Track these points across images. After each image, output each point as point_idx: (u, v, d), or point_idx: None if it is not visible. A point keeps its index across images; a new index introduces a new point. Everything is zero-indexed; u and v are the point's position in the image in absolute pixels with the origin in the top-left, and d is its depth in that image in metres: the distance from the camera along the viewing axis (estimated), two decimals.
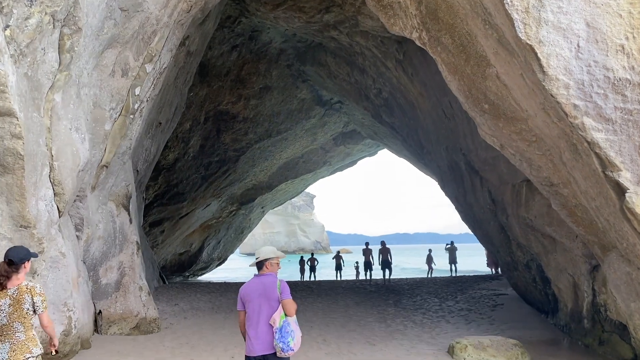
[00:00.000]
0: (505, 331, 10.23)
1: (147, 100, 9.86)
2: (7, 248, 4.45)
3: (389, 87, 17.77)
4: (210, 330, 10.90)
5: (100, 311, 9.94)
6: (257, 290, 4.79)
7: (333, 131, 27.99)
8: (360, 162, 34.50)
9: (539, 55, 6.25)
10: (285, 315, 4.71)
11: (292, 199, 66.64)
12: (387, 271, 21.68)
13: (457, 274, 24.17)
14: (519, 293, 13.77)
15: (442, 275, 24.07)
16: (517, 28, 6.27)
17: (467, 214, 16.26)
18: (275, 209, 48.80)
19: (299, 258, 29.66)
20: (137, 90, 9.28)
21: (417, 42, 9.11)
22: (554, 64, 6.26)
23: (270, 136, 25.49)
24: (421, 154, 19.41)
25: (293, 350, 4.63)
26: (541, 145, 7.73)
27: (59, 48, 6.90)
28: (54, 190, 7.23)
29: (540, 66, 6.27)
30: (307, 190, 57.93)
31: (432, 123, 15.54)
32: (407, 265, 46.93)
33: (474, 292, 16.06)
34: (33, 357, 4.17)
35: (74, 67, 7.32)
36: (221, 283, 23.51)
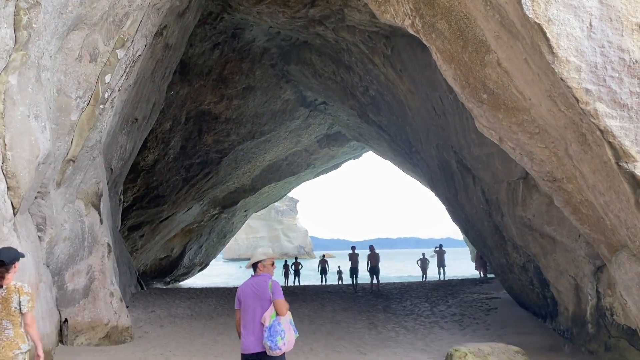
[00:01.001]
0: (503, 337, 9.70)
1: (119, 90, 9.08)
2: None
3: (376, 85, 17.22)
4: (188, 338, 10.18)
5: (66, 320, 9.12)
6: (250, 290, 4.92)
7: (317, 133, 27.58)
8: (343, 166, 34.10)
9: (548, 35, 5.76)
10: (277, 314, 4.75)
11: (275, 204, 66.05)
12: (374, 277, 20.57)
13: (445, 278, 23.68)
14: (514, 296, 13.24)
15: (430, 279, 23.62)
16: (524, 5, 5.76)
17: (459, 215, 15.71)
18: (258, 213, 48.13)
19: (283, 262, 28.99)
20: (108, 78, 8.50)
21: (410, 30, 8.58)
22: (564, 44, 5.75)
23: (254, 137, 24.92)
24: (410, 154, 18.86)
25: (280, 349, 4.67)
26: (544, 137, 7.25)
27: (14, 24, 6.16)
28: (7, 183, 6.41)
29: (550, 47, 5.76)
30: (290, 194, 57.41)
31: (422, 120, 15.01)
32: (393, 271, 46.31)
33: (465, 296, 15.54)
34: (22, 352, 4.37)
35: (32, 47, 6.55)
36: (202, 289, 22.68)
